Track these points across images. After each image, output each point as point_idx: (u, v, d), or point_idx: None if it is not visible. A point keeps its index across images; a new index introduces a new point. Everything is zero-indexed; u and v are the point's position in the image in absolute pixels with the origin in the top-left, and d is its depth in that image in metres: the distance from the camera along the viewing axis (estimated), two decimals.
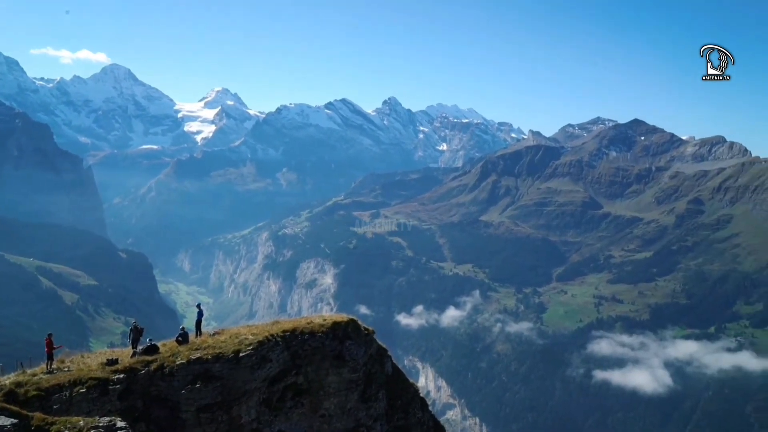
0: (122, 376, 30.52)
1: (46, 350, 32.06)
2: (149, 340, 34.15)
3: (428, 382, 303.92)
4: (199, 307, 39.60)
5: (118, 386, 30.00)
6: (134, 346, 34.48)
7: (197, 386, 31.37)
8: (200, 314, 38.74)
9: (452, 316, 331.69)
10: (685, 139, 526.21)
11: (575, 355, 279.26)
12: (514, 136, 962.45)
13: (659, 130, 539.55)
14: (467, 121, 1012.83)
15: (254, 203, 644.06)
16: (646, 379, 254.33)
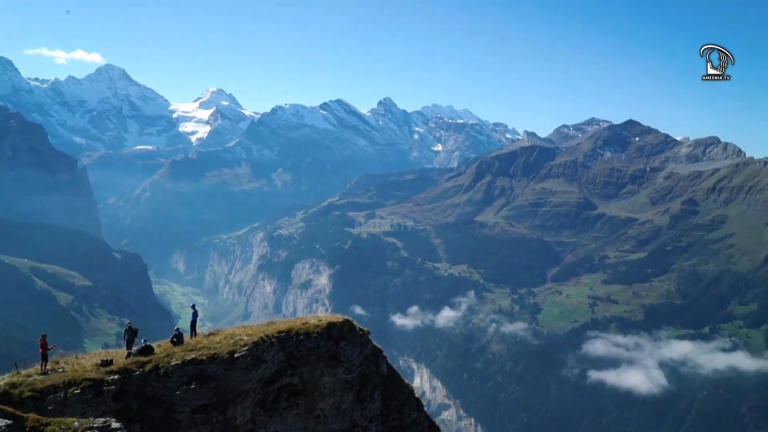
0: (117, 377, 30.45)
1: (40, 351, 31.96)
2: (144, 340, 34.07)
3: (423, 382, 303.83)
4: (193, 307, 39.54)
5: (112, 387, 29.95)
6: (129, 347, 34.39)
7: (192, 387, 31.33)
8: (195, 315, 38.66)
9: (447, 316, 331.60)
10: (679, 139, 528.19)
11: (570, 355, 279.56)
12: (509, 136, 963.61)
13: (654, 130, 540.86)
14: (462, 121, 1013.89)
15: (249, 204, 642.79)
16: (640, 379, 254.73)
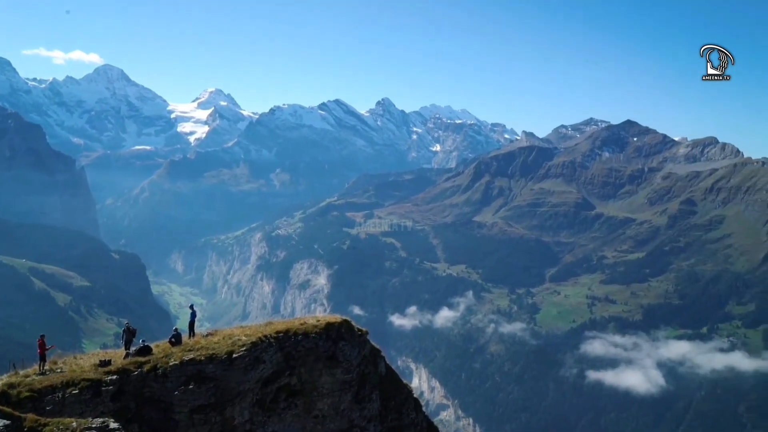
0: (115, 377, 30.44)
1: (38, 351, 31.95)
2: (142, 341, 34.05)
3: (422, 382, 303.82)
4: (192, 308, 39.58)
5: (110, 387, 29.93)
6: (127, 347, 34.37)
7: (190, 387, 31.32)
8: (193, 315, 38.68)
9: (446, 316, 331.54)
10: (677, 140, 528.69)
11: (568, 355, 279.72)
12: (507, 137, 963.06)
13: (652, 131, 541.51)
14: (460, 122, 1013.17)
15: (247, 204, 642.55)
16: (638, 379, 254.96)
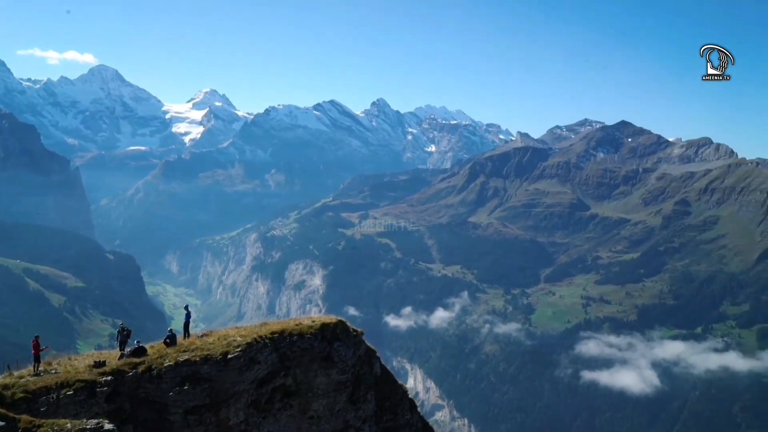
0: (110, 378, 30.38)
1: (33, 352, 31.89)
2: (137, 342, 33.99)
3: (417, 383, 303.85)
4: (186, 308, 39.46)
5: (105, 388, 29.88)
6: (122, 348, 34.33)
7: (185, 388, 31.28)
8: (188, 316, 38.56)
9: (441, 317, 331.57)
10: (671, 140, 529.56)
11: (563, 355, 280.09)
12: (502, 137, 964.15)
13: (646, 131, 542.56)
14: (455, 122, 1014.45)
15: (242, 204, 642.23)
16: (633, 379, 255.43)
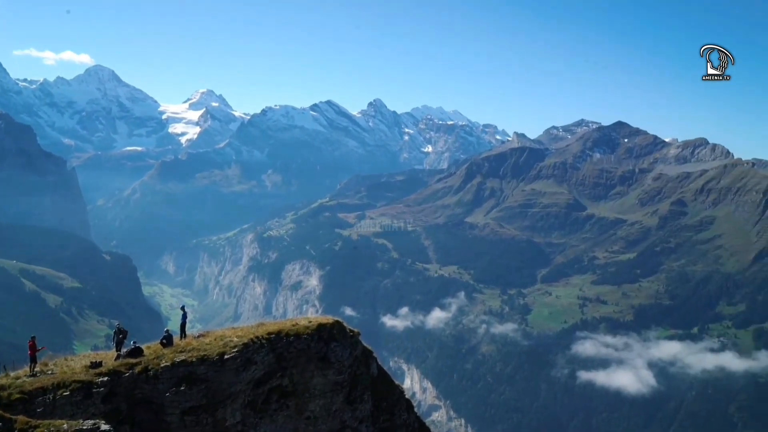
0: (106, 378, 30.33)
1: (29, 353, 31.84)
2: (133, 342, 33.94)
3: (414, 383, 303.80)
4: (183, 309, 39.47)
5: (102, 389, 29.83)
6: (118, 348, 34.28)
7: (182, 389, 31.24)
8: (184, 316, 38.54)
9: (437, 317, 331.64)
10: (667, 141, 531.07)
11: (560, 356, 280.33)
12: (498, 138, 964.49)
13: (642, 132, 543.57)
14: (452, 123, 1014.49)
15: (239, 205, 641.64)
16: (630, 379, 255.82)
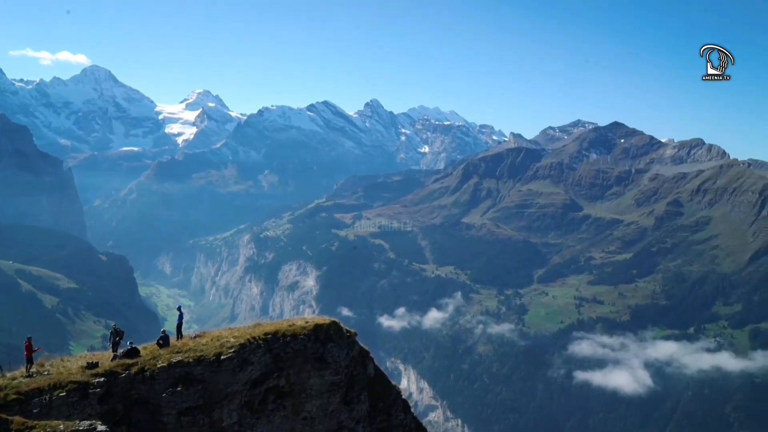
0: (102, 379, 30.32)
1: (25, 353, 31.86)
2: (130, 343, 33.93)
3: (410, 383, 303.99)
4: (179, 309, 39.45)
5: (98, 390, 29.82)
6: (115, 349, 34.28)
7: (178, 389, 31.23)
8: (181, 317, 38.55)
9: (434, 317, 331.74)
10: (664, 141, 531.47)
11: (556, 356, 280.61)
12: (495, 138, 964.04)
13: (639, 132, 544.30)
14: (449, 123, 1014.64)
15: (236, 205, 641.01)
16: (626, 379, 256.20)
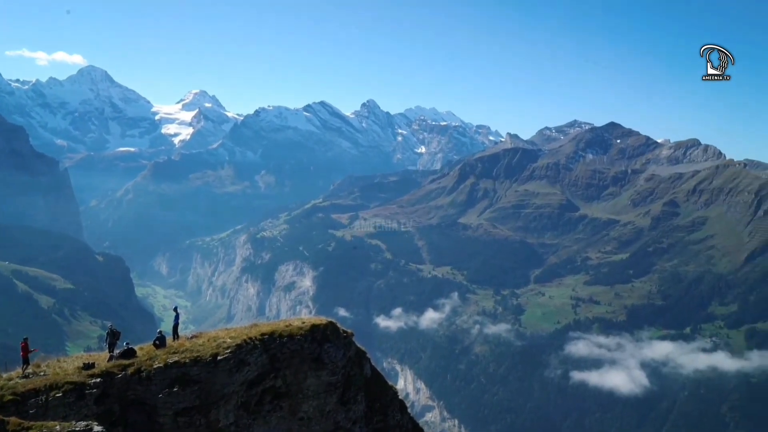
0: (99, 380, 30.24)
1: (21, 354, 31.74)
2: (126, 343, 33.83)
3: (407, 384, 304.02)
4: (175, 310, 39.37)
5: (94, 390, 29.75)
6: (111, 350, 34.17)
7: (175, 390, 31.17)
8: (177, 317, 38.45)
9: (431, 318, 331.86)
10: (660, 141, 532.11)
11: (553, 356, 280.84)
12: (491, 138, 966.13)
13: (635, 132, 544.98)
14: (445, 123, 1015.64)
15: (232, 206, 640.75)
16: (622, 379, 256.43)
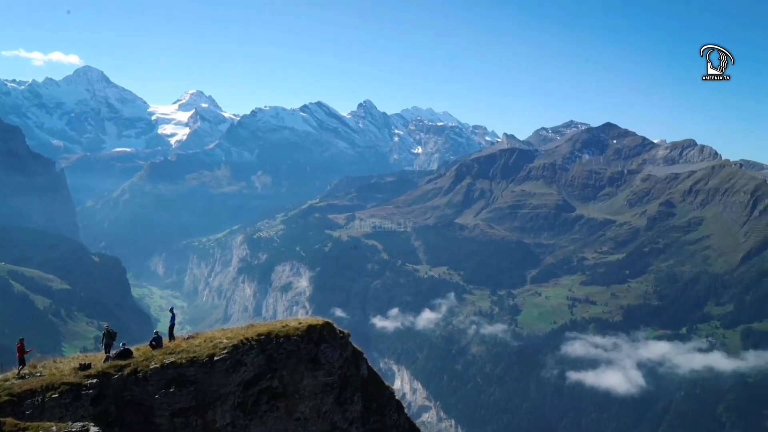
0: (95, 380, 30.20)
1: (17, 355, 31.71)
2: (122, 344, 33.80)
3: (404, 384, 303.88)
4: (172, 311, 39.42)
5: (91, 391, 29.71)
6: (107, 350, 34.13)
7: (171, 391, 31.14)
8: (173, 318, 38.50)
9: (427, 318, 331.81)
10: (656, 142, 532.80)
11: (549, 356, 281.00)
12: (488, 139, 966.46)
13: (631, 133, 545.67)
14: (442, 124, 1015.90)
15: (229, 206, 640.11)
16: (619, 379, 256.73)
